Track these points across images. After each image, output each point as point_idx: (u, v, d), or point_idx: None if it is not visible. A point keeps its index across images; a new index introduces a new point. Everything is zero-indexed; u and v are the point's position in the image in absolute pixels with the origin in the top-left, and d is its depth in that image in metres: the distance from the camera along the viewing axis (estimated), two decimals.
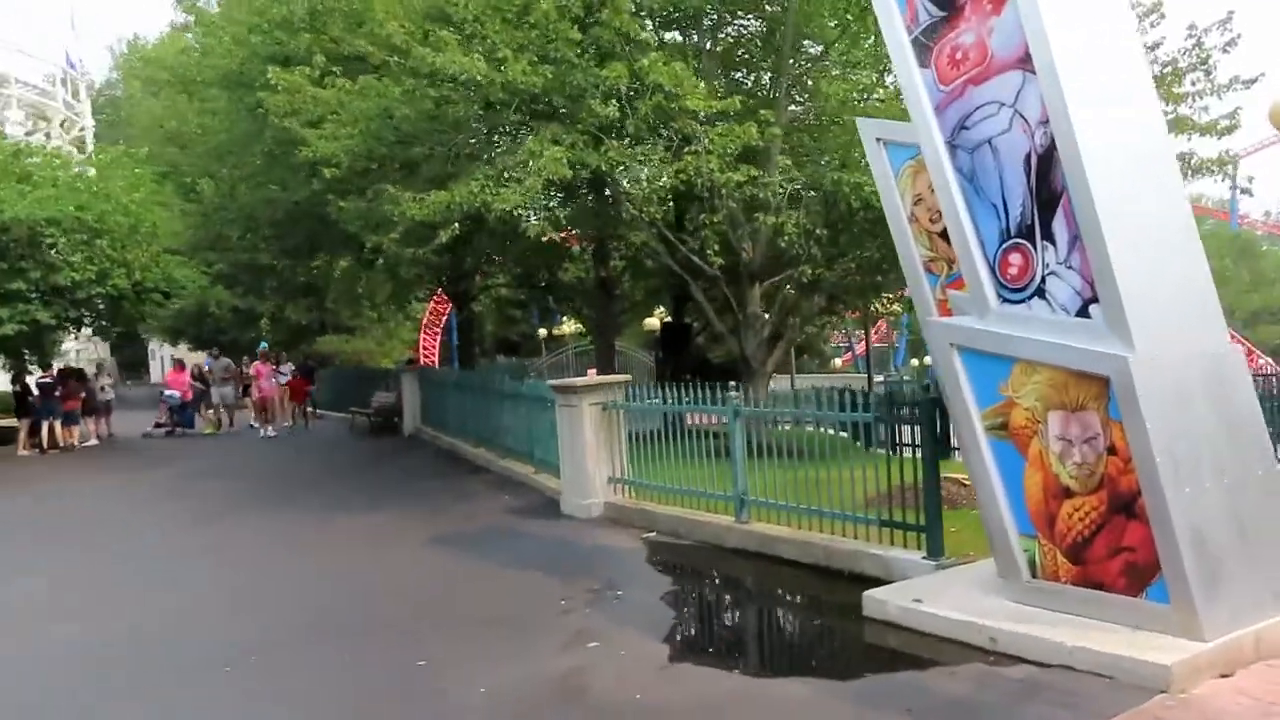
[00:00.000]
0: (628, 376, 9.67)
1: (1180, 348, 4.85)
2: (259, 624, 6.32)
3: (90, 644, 6.15)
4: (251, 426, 20.99)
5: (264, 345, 25.12)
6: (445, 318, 37.88)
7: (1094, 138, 4.90)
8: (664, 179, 10.16)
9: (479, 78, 9.52)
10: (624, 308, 18.75)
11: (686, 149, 10.51)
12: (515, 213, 9.43)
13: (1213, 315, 5.13)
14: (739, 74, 13.91)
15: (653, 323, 26.45)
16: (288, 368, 25.48)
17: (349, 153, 11.37)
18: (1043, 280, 5.16)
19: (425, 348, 38.22)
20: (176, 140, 17.98)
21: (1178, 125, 12.26)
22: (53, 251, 18.29)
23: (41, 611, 7.08)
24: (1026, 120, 5.18)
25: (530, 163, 9.50)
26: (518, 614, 6.17)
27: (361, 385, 23.18)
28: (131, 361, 55.74)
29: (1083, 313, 4.97)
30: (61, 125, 44.51)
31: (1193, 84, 12.56)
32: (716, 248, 10.96)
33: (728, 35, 13.82)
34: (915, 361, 35.81)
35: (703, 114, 9.91)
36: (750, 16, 13.66)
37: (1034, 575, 5.24)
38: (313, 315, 30.94)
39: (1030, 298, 5.23)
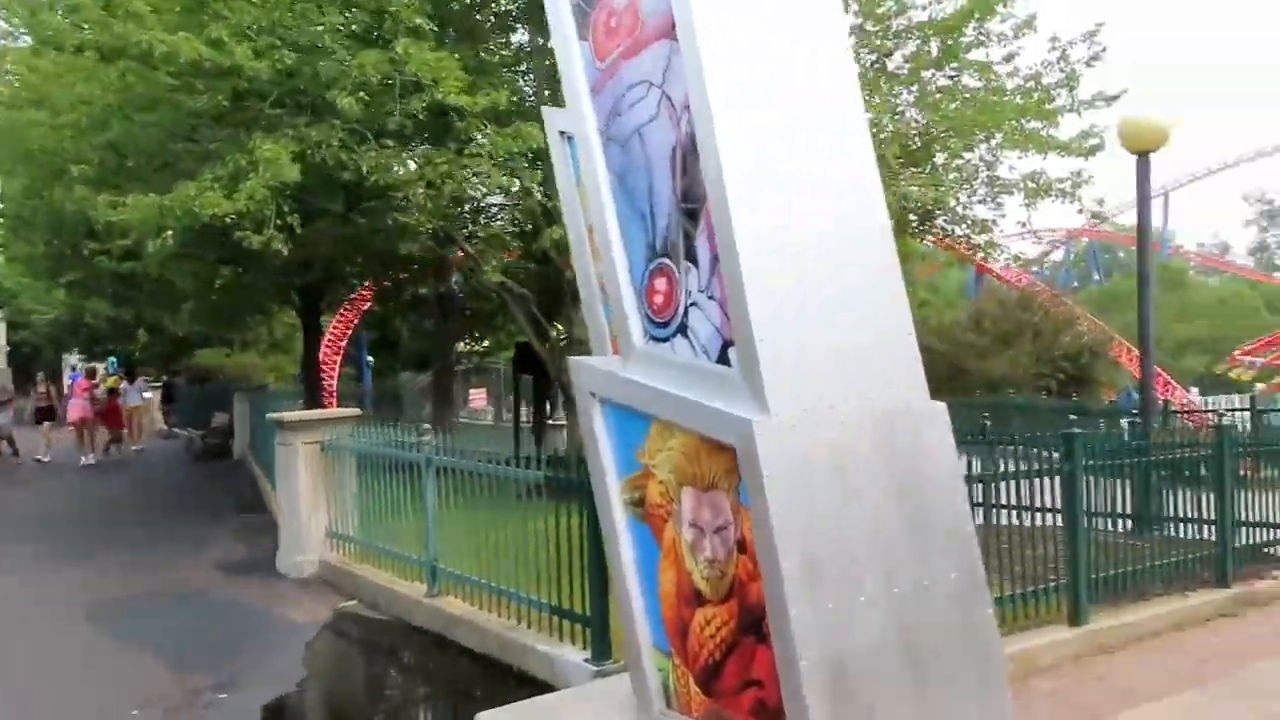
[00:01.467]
0: (356, 411, 8.28)
1: (842, 407, 3.59)
2: None
3: None
4: (36, 460, 17.76)
5: (111, 361, 23.29)
6: (351, 332, 36.23)
7: (741, 125, 3.66)
8: (427, 182, 8.83)
9: (203, 61, 8.11)
10: (467, 325, 17.25)
11: (464, 150, 9.21)
12: (229, 220, 8.01)
13: (904, 367, 3.86)
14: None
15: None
16: (138, 383, 23.71)
17: (96, 147, 9.88)
18: (685, 313, 3.90)
19: (325, 364, 36.37)
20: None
21: (1033, 142, 11.26)
22: None
23: None
24: (673, 104, 3.93)
25: (261, 165, 8.10)
26: None
27: (214, 403, 21.50)
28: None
29: (723, 358, 3.71)
30: None
31: (1052, 98, 11.57)
32: (494, 262, 9.63)
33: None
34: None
35: (467, 109, 8.58)
36: None
37: (668, 704, 3.95)
38: (192, 327, 29.03)
39: (674, 335, 3.96)
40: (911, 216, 12.73)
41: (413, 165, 9.16)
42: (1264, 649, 5.58)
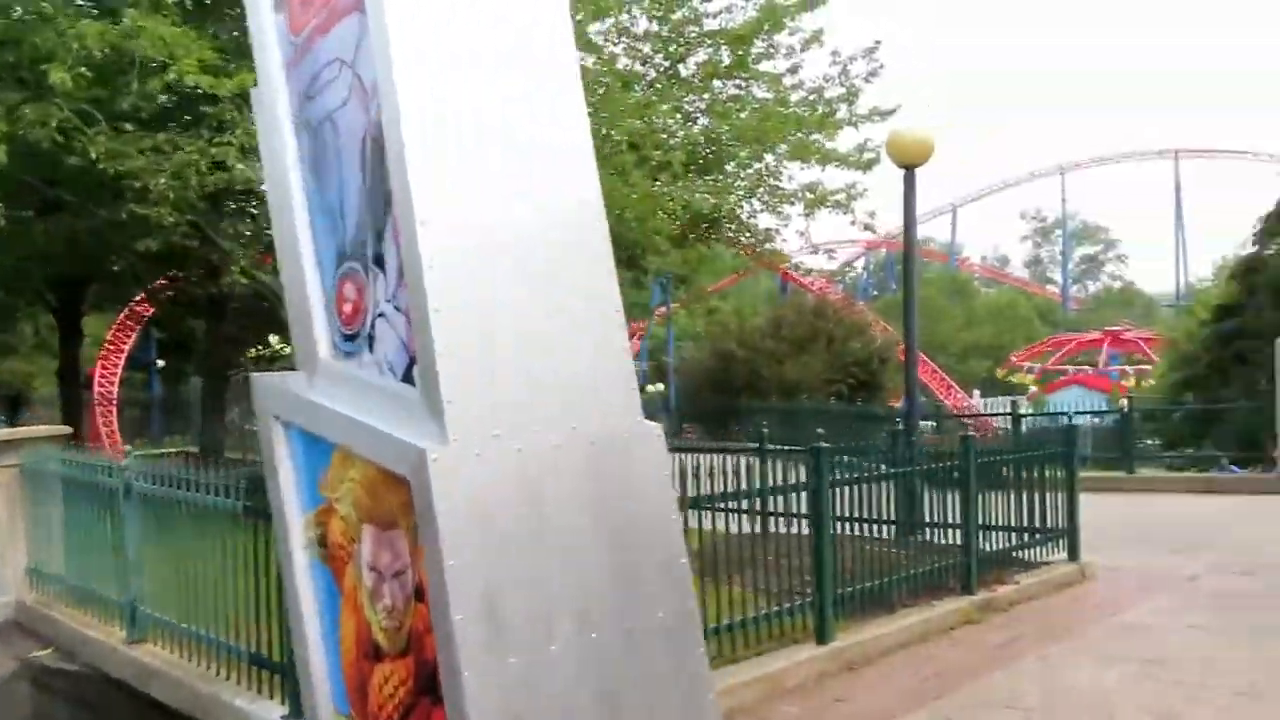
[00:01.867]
0: (66, 429, 7.35)
1: (539, 433, 3.22)
2: None
3: None
4: None
5: None
6: (134, 339, 33.43)
7: (430, 108, 3.24)
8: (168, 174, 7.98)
9: None
10: (258, 329, 16.05)
11: (216, 139, 8.40)
12: None
13: (615, 386, 3.52)
14: None
15: None
16: None
17: None
18: (373, 325, 3.45)
19: (104, 369, 33.38)
20: None
21: (813, 154, 11.44)
22: None
23: None
24: (365, 87, 3.46)
25: None
26: None
27: None
28: None
29: (408, 376, 3.28)
30: None
31: (834, 110, 11.81)
32: (244, 264, 8.86)
33: None
34: None
35: (212, 91, 7.81)
36: None
37: None
38: None
39: (361, 350, 3.51)
40: (704, 225, 12.76)
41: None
42: (999, 658, 5.67)
